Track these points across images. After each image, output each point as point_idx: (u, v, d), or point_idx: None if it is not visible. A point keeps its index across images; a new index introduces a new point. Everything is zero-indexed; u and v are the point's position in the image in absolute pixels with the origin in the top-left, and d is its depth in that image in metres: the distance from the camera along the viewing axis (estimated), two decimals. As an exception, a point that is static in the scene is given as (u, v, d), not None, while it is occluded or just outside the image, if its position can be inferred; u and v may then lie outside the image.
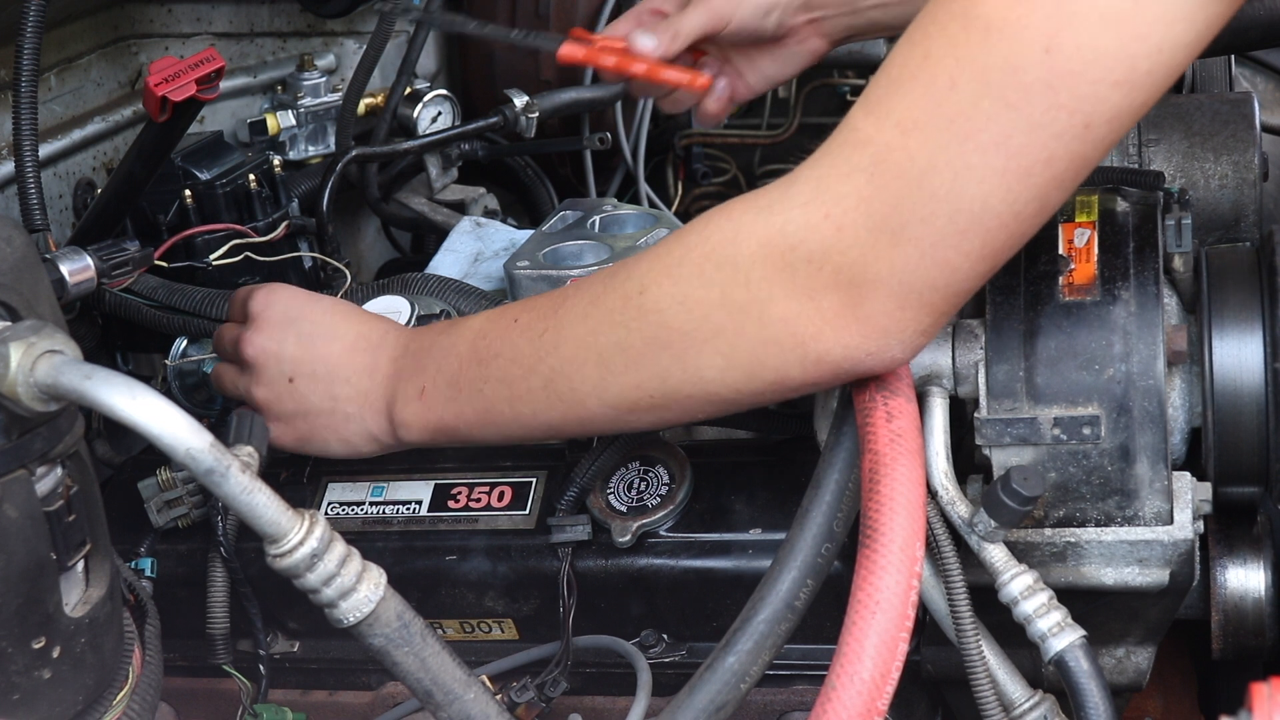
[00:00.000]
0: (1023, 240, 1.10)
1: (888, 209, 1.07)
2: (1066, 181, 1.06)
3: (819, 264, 1.10)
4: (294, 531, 1.05)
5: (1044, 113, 1.02)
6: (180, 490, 1.48)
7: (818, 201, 1.10)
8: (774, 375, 1.15)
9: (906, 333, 1.12)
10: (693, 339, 1.16)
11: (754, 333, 1.14)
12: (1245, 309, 1.30)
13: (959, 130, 1.04)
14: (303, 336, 1.38)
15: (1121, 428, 1.25)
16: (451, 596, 1.45)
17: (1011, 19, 1.01)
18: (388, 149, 1.90)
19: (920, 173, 1.05)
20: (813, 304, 1.11)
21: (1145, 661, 1.40)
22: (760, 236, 1.12)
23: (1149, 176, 1.36)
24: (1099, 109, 1.02)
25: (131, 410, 0.97)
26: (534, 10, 2.15)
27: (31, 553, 1.00)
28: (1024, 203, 1.06)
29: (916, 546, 1.13)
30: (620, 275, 1.21)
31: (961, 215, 1.06)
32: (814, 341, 1.12)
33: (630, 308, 1.19)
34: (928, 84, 1.05)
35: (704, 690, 1.14)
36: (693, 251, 1.16)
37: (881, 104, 1.08)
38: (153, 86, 1.40)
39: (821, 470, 1.22)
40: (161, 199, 1.67)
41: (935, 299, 1.10)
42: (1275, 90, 2.00)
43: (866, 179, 1.07)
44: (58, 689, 1.04)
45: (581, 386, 1.22)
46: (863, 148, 1.08)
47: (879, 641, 1.10)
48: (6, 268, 1.02)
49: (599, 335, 1.20)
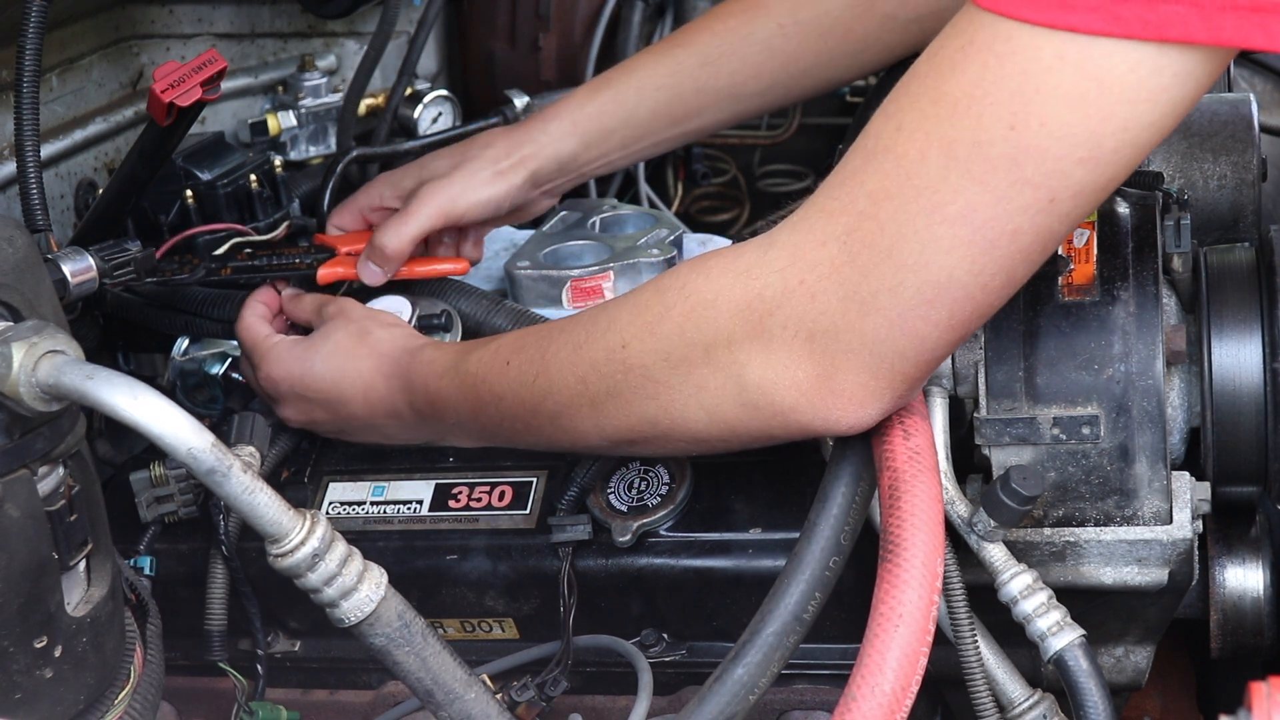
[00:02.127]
0: (991, 311, 1.11)
1: (859, 277, 1.09)
2: (1033, 255, 1.07)
3: (794, 330, 1.13)
4: (295, 531, 1.05)
5: (1009, 187, 1.03)
6: (172, 488, 1.48)
7: (794, 268, 1.12)
8: (753, 433, 1.20)
9: (882, 399, 1.14)
10: (676, 392, 1.20)
11: (733, 393, 1.17)
12: (1244, 309, 1.30)
13: (926, 202, 1.05)
14: (323, 405, 1.48)
15: (1120, 427, 1.25)
16: (452, 596, 1.45)
17: (977, 95, 1.02)
18: (388, 149, 1.90)
19: (890, 243, 1.07)
20: (788, 373, 1.14)
21: (1144, 660, 1.40)
22: (739, 301, 1.15)
23: (1148, 177, 1.36)
24: (1064, 185, 1.03)
25: (133, 410, 0.98)
26: (534, 11, 2.16)
27: (33, 552, 1.00)
28: (989, 274, 1.07)
29: (937, 562, 1.14)
30: (601, 325, 1.25)
31: (929, 286, 1.07)
32: (791, 412, 1.16)
33: (615, 361, 1.22)
34: (899, 157, 1.06)
35: (713, 701, 1.15)
36: (672, 310, 1.19)
37: (856, 174, 1.10)
38: (159, 93, 1.40)
39: (828, 483, 1.22)
40: (163, 199, 1.67)
41: (906, 367, 1.12)
42: (1274, 91, 2.00)
43: (840, 247, 1.09)
44: (59, 688, 1.04)
45: (582, 425, 1.28)
46: (837, 216, 1.10)
47: (900, 655, 1.11)
48: (8, 268, 1.02)
49: (587, 384, 1.25)
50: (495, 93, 2.10)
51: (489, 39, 2.18)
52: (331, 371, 1.46)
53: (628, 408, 1.23)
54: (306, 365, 1.47)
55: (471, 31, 2.19)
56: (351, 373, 1.46)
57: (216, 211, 1.69)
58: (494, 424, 1.36)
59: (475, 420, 1.38)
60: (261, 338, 1.53)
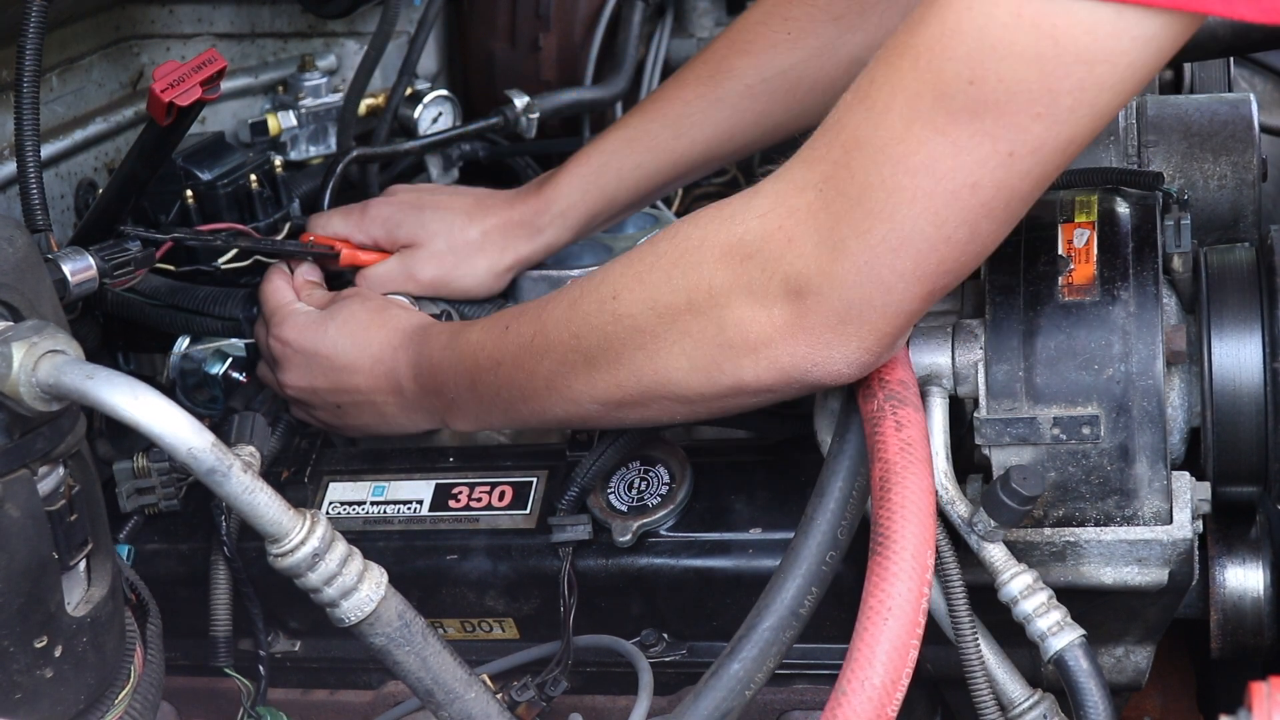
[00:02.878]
0: (959, 268, 1.13)
1: (832, 223, 1.12)
2: (996, 210, 1.09)
3: (771, 272, 1.16)
4: (295, 531, 1.05)
5: (969, 139, 1.06)
6: (154, 480, 1.49)
7: (774, 214, 1.16)
8: (731, 379, 1.21)
9: (849, 348, 1.16)
10: (661, 340, 1.23)
11: (713, 335, 1.20)
12: (1244, 309, 1.30)
13: (892, 153, 1.08)
14: (327, 373, 1.50)
15: (1121, 427, 1.25)
16: (452, 596, 1.45)
17: (938, 50, 1.05)
18: (389, 149, 1.90)
19: (859, 191, 1.10)
20: (765, 311, 1.17)
21: (1144, 660, 1.40)
22: (724, 244, 1.19)
23: (1148, 177, 1.36)
24: (1022, 140, 1.05)
25: (133, 410, 0.98)
26: (534, 11, 2.16)
27: (33, 552, 1.00)
28: (952, 227, 1.09)
29: (928, 555, 1.15)
30: (596, 280, 1.30)
31: (894, 235, 1.10)
32: (765, 347, 1.18)
33: (605, 312, 1.26)
34: (869, 107, 1.10)
35: (709, 697, 1.15)
36: (662, 258, 1.24)
37: (835, 124, 1.13)
38: (159, 93, 1.40)
39: (825, 478, 1.23)
40: (163, 199, 1.67)
41: (874, 318, 1.14)
42: (1274, 91, 2.00)
43: (816, 194, 1.13)
44: (59, 688, 1.04)
45: (575, 385, 1.30)
46: (816, 165, 1.14)
47: (890, 648, 1.11)
48: (8, 268, 1.02)
49: (581, 339, 1.28)
50: (495, 93, 2.10)
51: (489, 39, 2.18)
52: (345, 338, 1.50)
53: (617, 362, 1.26)
54: (321, 330, 1.51)
55: (471, 31, 2.19)
56: (363, 341, 1.49)
57: (216, 211, 1.69)
58: (490, 394, 1.38)
59: (473, 392, 1.39)
60: (285, 301, 1.57)
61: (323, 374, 1.50)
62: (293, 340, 1.51)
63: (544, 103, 1.97)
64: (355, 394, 1.49)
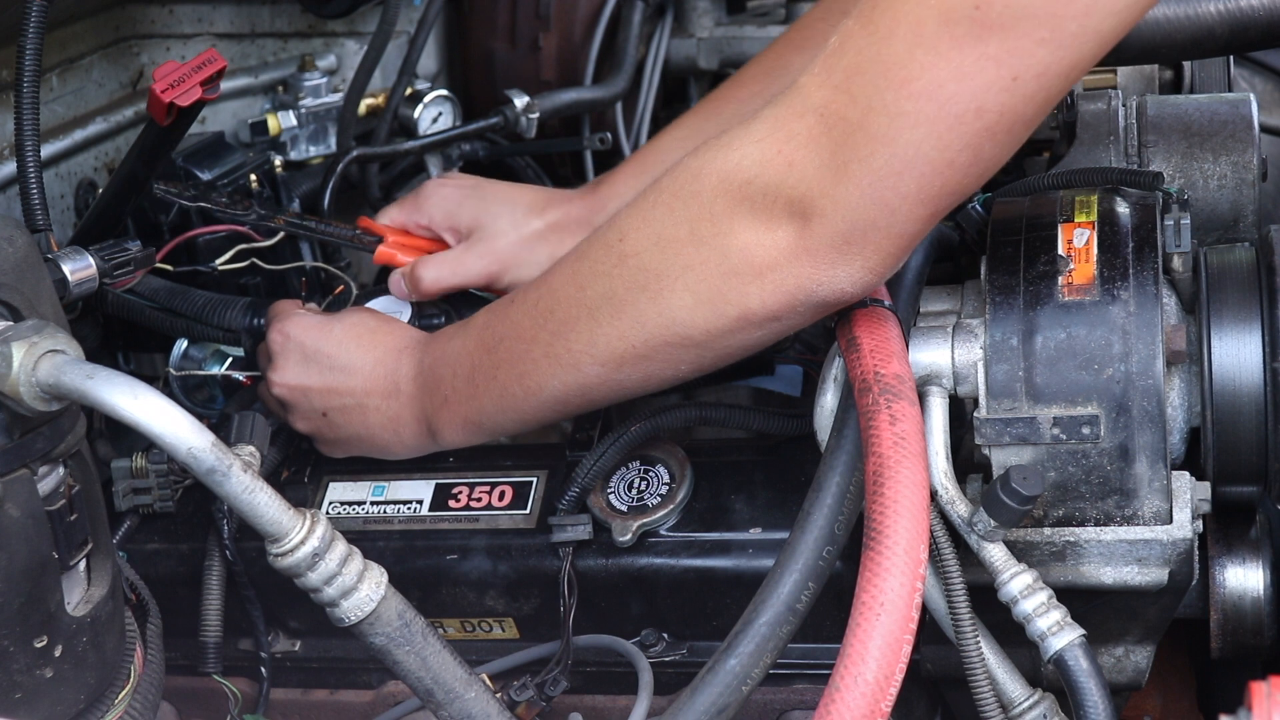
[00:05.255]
0: (961, 189, 1.14)
1: (833, 147, 1.13)
2: (999, 134, 1.11)
3: (773, 196, 1.17)
4: (295, 531, 1.06)
5: (974, 64, 1.07)
6: (151, 481, 1.49)
7: (773, 138, 1.17)
8: (737, 309, 1.21)
9: (854, 268, 1.17)
10: (665, 278, 1.23)
11: (716, 264, 1.21)
12: (1244, 309, 1.30)
13: (895, 77, 1.09)
14: (324, 372, 1.48)
15: (1120, 427, 1.25)
16: (452, 595, 1.45)
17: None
18: (389, 149, 1.90)
19: (861, 116, 1.11)
20: (769, 234, 1.18)
21: (1144, 660, 1.40)
22: (721, 171, 1.20)
23: (1148, 177, 1.36)
24: (1027, 64, 1.07)
25: (133, 410, 0.98)
26: (534, 11, 2.16)
27: (33, 552, 1.00)
28: (955, 150, 1.10)
29: (920, 549, 1.14)
30: (604, 226, 1.31)
31: (897, 159, 1.11)
32: (770, 270, 1.19)
33: (612, 255, 1.27)
34: (871, 33, 1.11)
35: (706, 692, 1.14)
36: (664, 193, 1.25)
37: (835, 51, 1.14)
38: (159, 94, 1.40)
39: (823, 473, 1.22)
40: (163, 199, 1.67)
41: (878, 238, 1.15)
42: (1274, 91, 2.00)
43: (817, 119, 1.14)
44: (60, 688, 1.04)
45: (576, 345, 1.30)
46: (815, 91, 1.15)
47: (883, 643, 1.11)
48: (8, 267, 1.02)
49: (586, 289, 1.28)
50: (495, 93, 2.10)
51: (489, 39, 2.18)
52: (350, 340, 1.49)
53: (621, 310, 1.26)
54: (327, 329, 1.50)
55: (471, 31, 2.19)
56: (369, 344, 1.48)
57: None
58: (486, 380, 1.37)
59: (469, 384, 1.38)
60: (293, 305, 1.57)
61: (318, 372, 1.48)
62: (295, 334, 1.50)
63: (544, 103, 1.97)
64: (346, 397, 1.47)
